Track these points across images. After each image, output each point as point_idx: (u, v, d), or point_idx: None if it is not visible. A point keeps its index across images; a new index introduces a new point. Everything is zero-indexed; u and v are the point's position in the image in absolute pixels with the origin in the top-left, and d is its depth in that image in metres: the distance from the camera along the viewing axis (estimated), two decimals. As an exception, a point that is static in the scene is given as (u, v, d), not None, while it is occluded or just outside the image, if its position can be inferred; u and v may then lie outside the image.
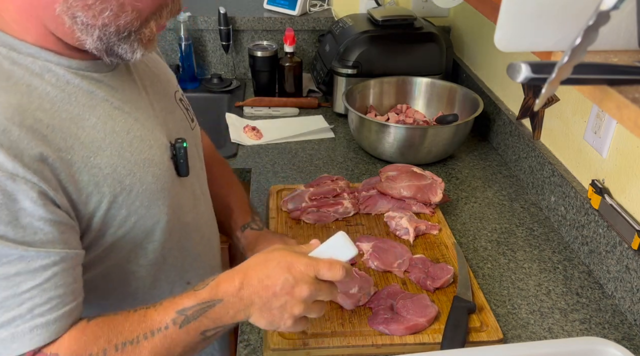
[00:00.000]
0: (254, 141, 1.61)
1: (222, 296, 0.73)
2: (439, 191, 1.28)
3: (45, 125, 0.68)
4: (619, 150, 1.11)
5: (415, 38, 1.73)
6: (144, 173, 0.78)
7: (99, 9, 0.67)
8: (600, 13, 0.49)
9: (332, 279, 0.75)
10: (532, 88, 1.41)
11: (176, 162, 0.85)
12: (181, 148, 0.85)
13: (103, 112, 0.75)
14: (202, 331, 0.73)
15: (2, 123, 0.63)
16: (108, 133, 0.74)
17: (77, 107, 0.72)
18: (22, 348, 0.65)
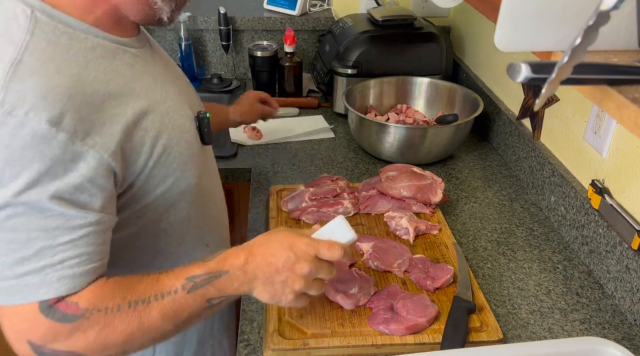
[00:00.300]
0: (253, 141, 1.61)
1: (228, 269, 0.79)
2: (439, 191, 1.28)
3: (102, 93, 0.75)
4: (619, 150, 1.11)
5: (415, 38, 1.73)
6: (179, 139, 0.86)
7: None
8: (600, 13, 0.49)
9: (331, 259, 0.81)
10: (532, 88, 1.41)
11: (200, 131, 0.94)
12: (204, 118, 0.95)
13: (144, 83, 0.83)
14: (207, 298, 0.79)
15: (68, 90, 0.70)
16: (150, 101, 0.82)
17: (124, 78, 0.80)
18: (48, 294, 0.70)
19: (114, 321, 0.73)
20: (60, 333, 0.71)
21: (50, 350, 0.71)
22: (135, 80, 0.81)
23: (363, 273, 1.06)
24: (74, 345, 0.72)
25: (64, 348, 0.72)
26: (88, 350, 0.73)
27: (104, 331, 0.73)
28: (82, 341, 0.72)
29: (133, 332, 0.74)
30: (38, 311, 0.70)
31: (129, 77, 0.81)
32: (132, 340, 0.75)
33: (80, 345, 0.72)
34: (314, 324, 0.97)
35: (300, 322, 0.97)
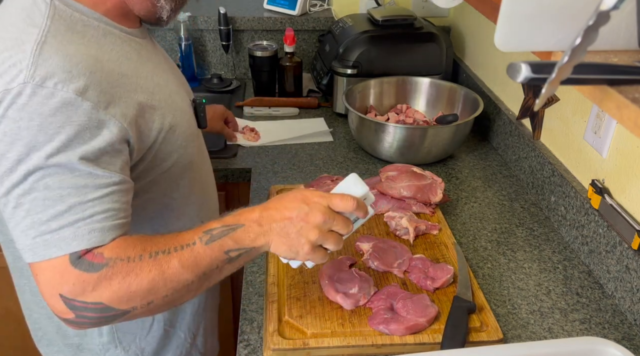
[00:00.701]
0: (250, 143, 1.61)
1: (243, 222, 0.83)
2: (439, 191, 1.28)
3: (117, 72, 0.83)
4: (619, 150, 1.11)
5: (415, 38, 1.73)
6: (181, 119, 0.95)
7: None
8: (600, 13, 0.49)
9: (345, 210, 0.83)
10: (532, 88, 1.41)
11: (197, 115, 1.03)
12: (201, 103, 1.04)
13: (149, 68, 0.91)
14: (225, 250, 0.81)
15: (89, 67, 0.77)
16: (156, 84, 0.91)
17: (132, 62, 0.88)
18: (79, 245, 0.75)
19: (135, 269, 0.77)
20: (87, 284, 0.75)
21: (80, 303, 0.75)
22: (142, 65, 0.90)
23: (363, 273, 1.06)
24: (100, 295, 0.75)
25: (92, 300, 0.75)
26: (114, 300, 0.76)
27: (127, 280, 0.76)
28: (108, 291, 0.75)
29: (155, 280, 0.77)
30: (68, 263, 0.75)
31: (136, 62, 0.89)
32: (155, 288, 0.78)
33: (106, 295, 0.75)
34: (314, 324, 0.97)
35: (300, 322, 0.97)
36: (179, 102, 0.96)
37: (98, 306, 0.76)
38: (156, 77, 0.92)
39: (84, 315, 0.76)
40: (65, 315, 0.76)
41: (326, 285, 1.03)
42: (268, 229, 0.82)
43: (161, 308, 0.82)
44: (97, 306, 0.76)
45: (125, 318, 0.79)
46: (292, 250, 0.83)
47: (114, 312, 0.77)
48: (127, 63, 0.87)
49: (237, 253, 0.82)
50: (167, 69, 1.00)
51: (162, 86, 0.93)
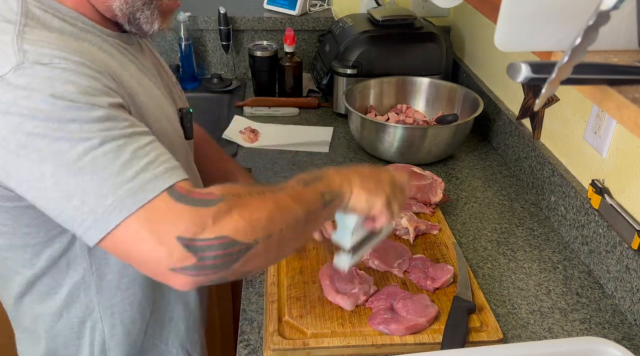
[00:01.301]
0: (248, 144, 1.61)
1: (325, 173, 0.85)
2: (439, 191, 1.28)
3: (104, 63, 0.78)
4: (619, 150, 1.11)
5: (415, 38, 1.73)
6: (166, 125, 0.89)
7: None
8: (600, 13, 0.49)
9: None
10: (532, 88, 1.41)
11: (183, 126, 0.97)
12: (187, 113, 0.98)
13: (133, 69, 0.86)
14: (320, 192, 0.81)
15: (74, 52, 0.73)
16: (140, 85, 0.85)
17: (115, 61, 0.83)
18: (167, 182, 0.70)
19: (251, 202, 0.73)
20: (207, 217, 0.69)
21: (202, 242, 0.68)
22: (124, 64, 0.85)
23: (362, 273, 1.06)
24: (222, 228, 0.69)
25: (215, 234, 0.68)
26: (238, 231, 0.70)
27: (246, 210, 0.71)
28: (230, 222, 0.70)
29: (272, 210, 0.74)
30: (173, 201, 0.69)
31: (119, 60, 0.84)
32: (273, 218, 0.73)
33: (228, 227, 0.69)
34: (314, 324, 0.97)
35: (300, 322, 0.97)
36: (163, 107, 0.90)
37: (223, 241, 0.69)
38: (141, 78, 0.87)
39: (207, 255, 0.68)
40: (185, 262, 0.67)
41: (327, 286, 1.02)
42: (350, 179, 0.86)
43: (277, 248, 0.76)
44: (222, 240, 0.69)
45: (251, 256, 0.72)
46: (369, 201, 0.86)
47: (239, 246, 0.70)
48: (108, 58, 0.82)
49: (330, 197, 0.82)
50: (155, 74, 0.95)
51: (147, 87, 0.87)
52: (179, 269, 0.68)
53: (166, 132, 0.88)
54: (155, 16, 0.85)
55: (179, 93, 1.06)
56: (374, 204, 0.87)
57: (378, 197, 0.87)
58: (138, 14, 0.84)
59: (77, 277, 0.89)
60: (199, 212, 0.69)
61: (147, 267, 0.71)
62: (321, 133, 1.69)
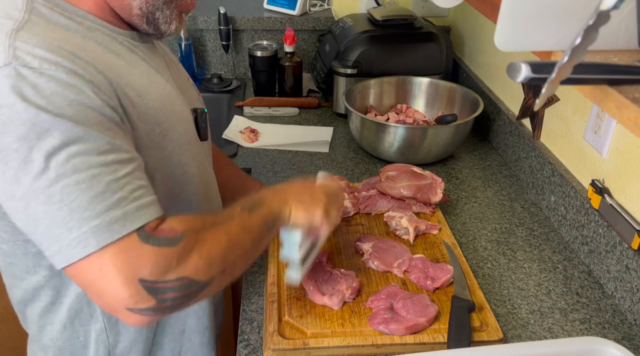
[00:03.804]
0: (248, 144, 1.61)
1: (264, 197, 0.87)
2: (439, 191, 1.28)
3: (104, 62, 0.76)
4: (619, 150, 1.11)
5: (415, 38, 1.73)
6: (177, 124, 0.87)
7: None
8: (600, 13, 0.49)
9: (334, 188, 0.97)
10: (532, 88, 1.41)
11: (197, 126, 0.95)
12: (202, 113, 0.96)
13: (144, 68, 0.84)
14: (263, 216, 0.84)
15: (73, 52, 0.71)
16: (150, 83, 0.83)
17: (123, 60, 0.81)
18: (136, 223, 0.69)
19: (207, 238, 0.74)
20: (170, 260, 0.69)
21: (164, 285, 0.69)
22: (134, 63, 0.83)
23: (342, 269, 1.06)
24: (184, 269, 0.70)
25: (176, 276, 0.70)
26: (198, 272, 0.72)
27: (205, 248, 0.73)
28: (191, 263, 0.71)
29: (225, 245, 0.76)
30: (140, 242, 0.68)
31: (128, 60, 0.82)
32: (226, 253, 0.76)
33: (189, 268, 0.71)
34: (314, 324, 0.97)
35: (300, 322, 0.97)
36: (175, 106, 0.88)
37: (183, 282, 0.70)
38: (152, 76, 0.85)
39: (167, 297, 0.69)
40: (145, 303, 0.68)
41: (312, 291, 1.02)
42: (286, 197, 0.88)
43: (228, 278, 0.79)
44: (183, 281, 0.70)
45: (204, 294, 0.74)
46: (308, 214, 0.89)
47: (197, 286, 0.72)
48: (116, 61, 0.79)
49: (272, 219, 0.85)
50: (167, 74, 0.93)
51: (158, 86, 0.85)
52: (136, 310, 0.68)
53: (177, 132, 0.87)
54: (174, 16, 0.85)
55: (195, 93, 1.04)
56: (313, 216, 0.90)
57: (316, 208, 0.90)
58: (158, 13, 0.83)
59: (79, 289, 0.88)
60: (163, 252, 0.69)
61: (104, 302, 0.70)
62: (321, 133, 1.68)
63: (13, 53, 0.67)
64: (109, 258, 0.67)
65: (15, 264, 0.87)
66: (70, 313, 0.90)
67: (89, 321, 0.91)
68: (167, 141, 0.85)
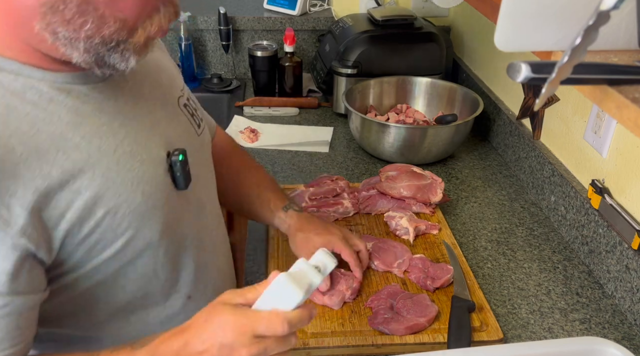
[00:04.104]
0: (248, 144, 1.61)
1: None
2: (439, 191, 1.28)
3: (19, 153, 0.64)
4: (619, 150, 1.11)
5: (415, 38, 1.73)
6: (133, 193, 0.74)
7: (79, 23, 0.64)
8: (600, 13, 0.49)
9: (274, 335, 0.67)
10: (532, 88, 1.41)
11: (172, 174, 0.81)
12: (177, 161, 0.80)
13: (89, 129, 0.71)
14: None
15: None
16: (92, 153, 0.70)
17: (59, 126, 0.68)
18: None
19: None
20: None
21: None
22: (75, 128, 0.70)
23: (342, 270, 1.06)
24: None
25: None
26: None
27: None
28: None
29: None
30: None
31: (65, 125, 0.69)
32: None
33: None
34: (314, 324, 0.97)
35: (300, 322, 0.97)
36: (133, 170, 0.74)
37: None
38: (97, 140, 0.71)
39: None
40: None
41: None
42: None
43: None
44: None
45: None
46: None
47: None
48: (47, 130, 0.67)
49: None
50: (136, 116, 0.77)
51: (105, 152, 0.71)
52: None
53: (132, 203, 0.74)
54: (128, 55, 0.69)
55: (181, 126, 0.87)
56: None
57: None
58: (106, 58, 0.68)
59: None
60: None
61: None
62: (321, 133, 1.68)
63: None
64: None
65: None
66: None
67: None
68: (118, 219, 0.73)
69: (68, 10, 0.62)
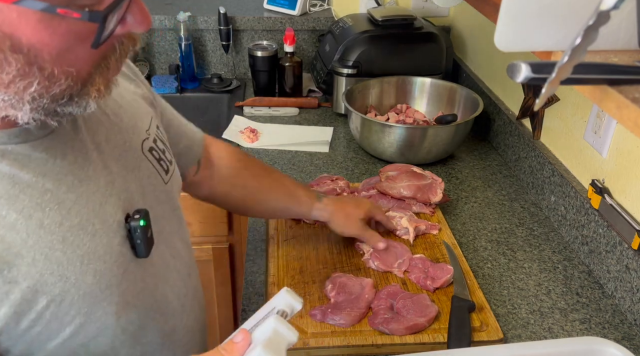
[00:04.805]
0: (248, 144, 1.61)
1: None
2: (439, 191, 1.28)
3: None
4: (619, 150, 1.11)
5: (415, 38, 1.73)
6: (82, 274, 0.64)
7: (22, 86, 0.54)
8: (600, 13, 0.49)
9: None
10: (532, 88, 1.41)
11: (132, 241, 0.70)
12: (137, 227, 0.69)
13: (28, 202, 0.60)
14: None
15: None
16: (32, 232, 0.60)
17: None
18: None
19: None
20: None
21: None
22: (9, 203, 0.59)
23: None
24: None
25: None
26: None
27: None
28: None
29: None
30: None
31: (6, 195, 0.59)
32: None
33: None
34: (314, 324, 0.97)
35: (300, 322, 0.97)
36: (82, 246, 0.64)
37: None
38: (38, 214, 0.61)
39: None
40: None
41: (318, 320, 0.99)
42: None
43: None
44: None
45: None
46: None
47: None
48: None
49: None
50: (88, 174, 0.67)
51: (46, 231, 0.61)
52: None
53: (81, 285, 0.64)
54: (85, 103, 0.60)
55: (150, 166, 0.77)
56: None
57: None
58: (59, 110, 0.59)
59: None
60: None
61: None
62: (321, 133, 1.68)
63: None
64: None
65: None
66: None
67: None
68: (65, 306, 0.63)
69: (6, 75, 0.53)
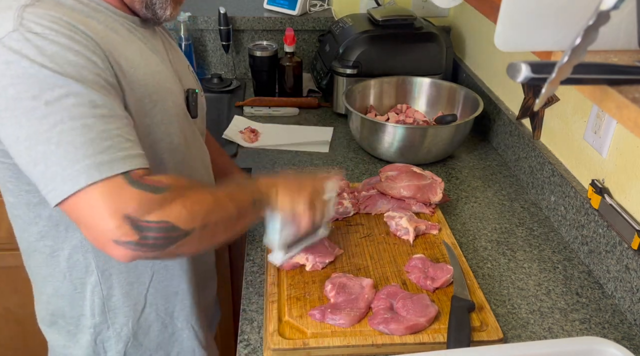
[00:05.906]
0: (248, 143, 1.61)
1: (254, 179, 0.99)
2: (439, 191, 1.28)
3: (101, 36, 0.84)
4: (619, 150, 1.11)
5: (415, 38, 1.73)
6: (167, 98, 0.94)
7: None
8: (600, 13, 0.49)
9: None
10: (532, 88, 1.41)
11: (188, 104, 1.02)
12: (193, 93, 1.03)
13: (139, 47, 0.92)
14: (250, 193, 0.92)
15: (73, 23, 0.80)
16: (143, 60, 0.90)
17: (120, 37, 0.88)
18: (122, 167, 0.77)
19: (193, 195, 0.82)
20: (154, 202, 0.77)
21: (146, 223, 0.76)
22: (130, 41, 0.90)
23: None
24: (166, 214, 0.78)
25: (159, 218, 0.77)
26: (180, 219, 0.79)
27: (188, 201, 0.80)
28: (173, 209, 0.78)
29: (211, 203, 0.84)
30: (126, 183, 0.76)
31: (125, 38, 0.90)
32: (210, 211, 0.83)
33: (171, 213, 0.78)
34: (314, 324, 0.97)
35: (300, 322, 0.97)
36: (166, 83, 0.95)
37: (165, 225, 0.77)
38: (145, 55, 0.92)
39: (149, 235, 0.76)
40: (128, 237, 0.75)
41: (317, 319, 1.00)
42: (276, 183, 0.96)
43: (209, 238, 0.86)
44: (164, 224, 0.77)
45: (186, 242, 0.80)
46: (293, 202, 0.95)
47: (178, 232, 0.78)
48: (112, 34, 0.87)
49: (258, 197, 0.93)
50: (164, 55, 1.00)
51: (149, 63, 0.92)
52: (122, 242, 0.76)
53: (166, 105, 0.94)
54: (169, 3, 0.93)
55: (192, 78, 1.11)
56: (297, 205, 0.96)
57: (300, 198, 0.96)
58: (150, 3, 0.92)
59: (75, 241, 0.95)
60: (147, 196, 0.77)
61: (93, 234, 0.78)
62: (321, 133, 1.68)
63: (20, 22, 0.76)
64: (98, 195, 0.75)
65: (20, 216, 0.95)
66: (68, 264, 0.97)
67: (84, 273, 0.98)
68: (155, 111, 0.91)
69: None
